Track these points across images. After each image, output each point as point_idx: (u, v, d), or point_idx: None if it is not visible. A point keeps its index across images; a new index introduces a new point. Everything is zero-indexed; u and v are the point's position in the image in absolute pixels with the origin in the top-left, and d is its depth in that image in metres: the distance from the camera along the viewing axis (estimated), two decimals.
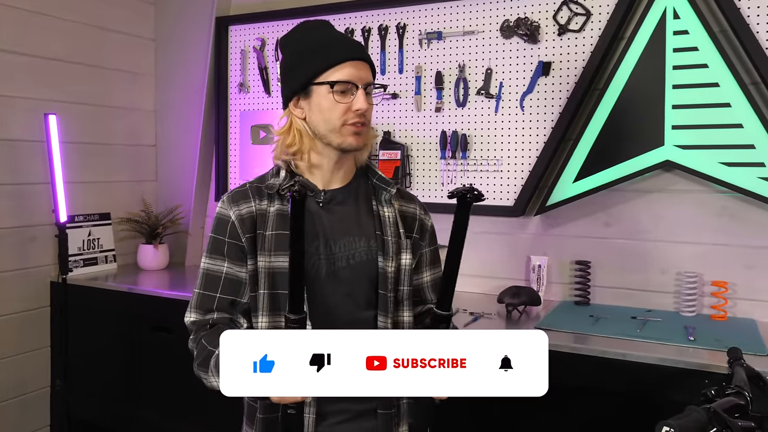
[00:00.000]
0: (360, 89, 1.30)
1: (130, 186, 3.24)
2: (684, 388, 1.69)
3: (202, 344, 1.28)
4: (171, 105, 3.33)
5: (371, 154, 2.73)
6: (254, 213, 1.33)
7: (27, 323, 2.79)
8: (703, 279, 2.25)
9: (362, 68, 1.32)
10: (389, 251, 1.34)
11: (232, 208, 1.33)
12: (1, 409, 2.70)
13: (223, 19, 3.11)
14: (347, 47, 1.33)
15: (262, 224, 1.32)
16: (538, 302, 2.29)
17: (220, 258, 1.33)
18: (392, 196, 1.40)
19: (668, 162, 2.24)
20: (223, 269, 1.33)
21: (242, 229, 1.32)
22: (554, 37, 2.44)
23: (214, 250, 1.34)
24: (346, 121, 1.30)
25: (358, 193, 1.40)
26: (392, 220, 1.37)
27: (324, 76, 1.30)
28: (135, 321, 2.68)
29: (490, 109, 2.56)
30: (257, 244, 1.31)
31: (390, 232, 1.36)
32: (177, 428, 2.60)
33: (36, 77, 2.77)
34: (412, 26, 2.71)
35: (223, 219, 1.34)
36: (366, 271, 1.34)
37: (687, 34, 2.20)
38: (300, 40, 1.36)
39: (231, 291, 1.33)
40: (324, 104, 1.30)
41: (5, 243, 2.69)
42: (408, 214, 1.43)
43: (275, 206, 1.33)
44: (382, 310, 1.33)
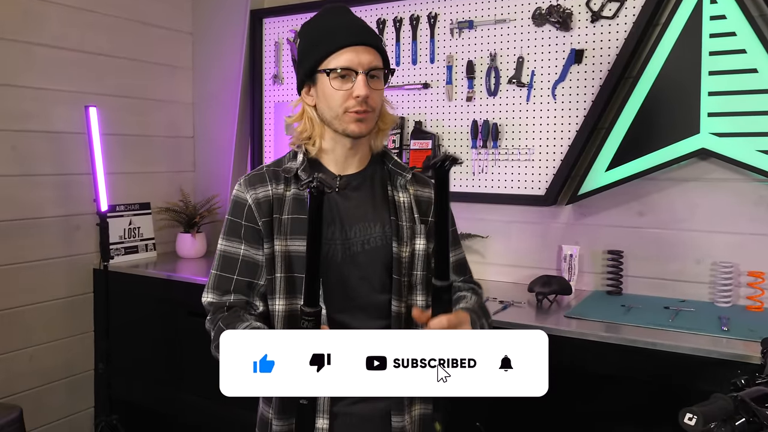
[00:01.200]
0: (360, 75, 1.29)
1: (168, 176, 3.31)
2: (715, 379, 1.65)
3: (219, 326, 1.28)
4: (208, 97, 3.38)
5: (404, 144, 2.75)
6: (270, 197, 1.34)
7: (73, 308, 2.89)
8: (739, 269, 2.19)
9: (364, 53, 1.30)
10: (404, 236, 1.35)
11: (248, 192, 1.35)
12: (51, 389, 2.81)
13: (257, 12, 3.15)
14: (349, 33, 1.31)
15: (279, 208, 1.33)
16: (569, 291, 2.27)
17: (237, 240, 1.35)
18: (407, 181, 1.40)
19: (704, 150, 2.18)
20: (240, 251, 1.35)
21: (259, 213, 1.33)
22: (587, 24, 2.40)
23: (231, 233, 1.36)
24: (347, 108, 1.30)
25: (374, 179, 1.41)
26: (407, 206, 1.38)
27: (324, 63, 1.30)
28: (173, 307, 2.75)
29: (522, 98, 2.54)
30: (273, 228, 1.32)
31: (405, 218, 1.37)
32: (214, 409, 2.66)
33: (78, 71, 2.85)
34: (443, 15, 2.70)
35: (239, 202, 1.35)
36: (381, 256, 1.35)
37: (724, 19, 2.14)
38: (311, 29, 1.37)
39: (248, 273, 1.34)
40: (327, 91, 1.31)
41: (52, 231, 2.78)
42: (423, 199, 1.43)
43: (292, 190, 1.35)
44: (396, 295, 1.34)
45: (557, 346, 1.92)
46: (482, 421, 1.97)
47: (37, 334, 2.74)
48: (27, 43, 2.66)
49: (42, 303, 2.76)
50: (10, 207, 2.62)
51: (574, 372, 1.93)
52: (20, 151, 2.65)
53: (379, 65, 1.33)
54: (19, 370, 2.67)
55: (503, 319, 2.05)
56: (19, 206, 2.65)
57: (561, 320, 2.05)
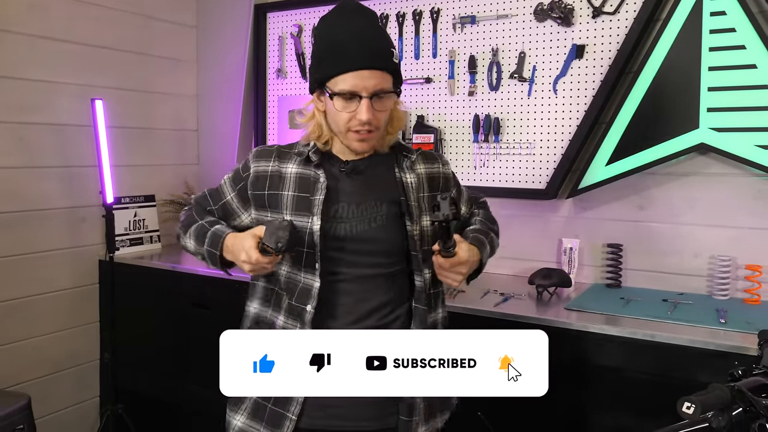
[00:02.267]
0: (365, 99, 1.30)
1: (173, 169, 3.32)
2: (713, 370, 1.67)
3: (190, 215, 1.51)
4: (212, 90, 3.39)
5: (406, 138, 2.75)
6: (268, 172, 1.43)
7: (78, 299, 2.91)
8: (736, 263, 2.20)
9: (371, 77, 1.29)
10: (414, 215, 1.40)
11: (253, 163, 1.45)
12: (58, 378, 2.83)
13: (261, 6, 3.15)
14: (357, 55, 1.30)
15: (278, 184, 1.41)
16: (568, 284, 2.28)
17: (232, 188, 1.49)
18: (413, 162, 1.45)
19: (703, 145, 2.19)
20: (228, 197, 1.49)
21: (253, 186, 1.44)
22: (588, 19, 2.40)
23: (235, 180, 1.49)
24: (350, 127, 1.33)
25: (381, 162, 1.44)
26: (415, 186, 1.43)
27: (331, 83, 1.32)
28: (177, 298, 2.76)
29: (523, 93, 2.54)
30: (269, 201, 1.41)
31: (413, 197, 1.41)
32: (218, 398, 2.68)
33: (83, 64, 2.85)
34: (445, 10, 2.70)
35: (246, 166, 1.47)
36: (389, 233, 1.38)
37: (724, 15, 2.14)
38: (326, 33, 1.37)
39: (222, 213, 1.51)
40: (331, 108, 1.35)
41: (58, 222, 2.79)
42: (434, 175, 1.49)
43: (296, 169, 1.41)
44: (417, 269, 1.39)
45: (557, 338, 1.93)
46: (483, 410, 1.99)
47: (44, 324, 2.76)
48: (33, 36, 2.66)
49: (49, 293, 2.77)
50: (17, 198, 2.63)
51: (573, 363, 1.94)
52: (27, 143, 2.66)
53: (386, 87, 1.33)
54: (27, 359, 2.69)
55: (504, 311, 2.06)
56: (25, 198, 2.66)
57: (561, 312, 2.07)
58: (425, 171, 1.47)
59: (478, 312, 2.07)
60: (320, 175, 1.38)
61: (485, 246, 1.47)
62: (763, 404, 1.04)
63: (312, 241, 1.35)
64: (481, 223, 1.57)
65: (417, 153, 1.48)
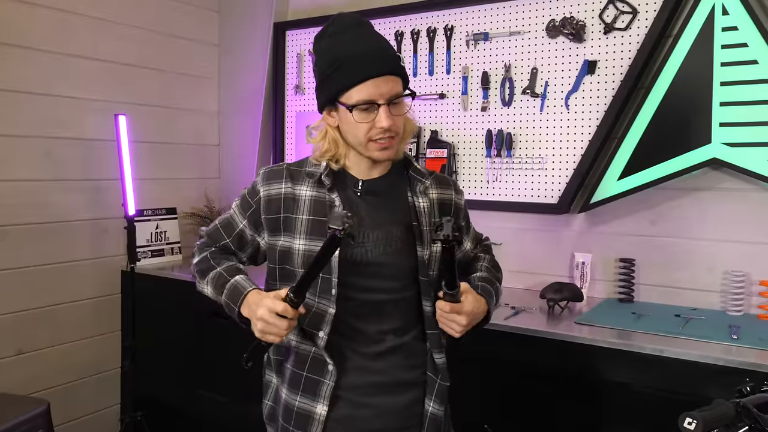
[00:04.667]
0: (383, 106, 1.27)
1: (194, 183, 3.35)
2: (723, 387, 1.61)
3: (206, 257, 1.45)
4: (233, 106, 3.43)
5: (420, 152, 2.75)
6: (282, 195, 1.37)
7: (101, 308, 2.94)
8: (751, 278, 2.15)
9: (384, 83, 1.27)
10: (425, 240, 1.37)
11: (263, 186, 1.39)
12: (81, 385, 2.87)
13: (280, 24, 3.19)
14: (370, 63, 1.27)
15: (292, 207, 1.35)
16: (580, 298, 2.25)
17: (242, 216, 1.43)
18: (426, 187, 1.42)
19: (715, 160, 2.15)
20: (240, 226, 1.44)
21: (266, 209, 1.38)
22: (600, 35, 2.38)
23: (243, 207, 1.43)
24: (371, 137, 1.30)
25: (395, 184, 1.41)
26: (427, 210, 1.39)
27: (345, 97, 1.28)
28: (196, 308, 2.77)
29: (536, 108, 2.53)
30: (283, 225, 1.36)
31: (425, 222, 1.38)
32: (235, 407, 2.68)
33: (108, 80, 2.91)
34: (459, 28, 2.70)
35: (254, 190, 1.41)
36: (403, 259, 1.36)
37: (736, 30, 2.11)
38: (327, 50, 1.32)
39: (237, 244, 1.45)
40: (349, 120, 1.30)
41: (82, 234, 2.84)
42: (446, 201, 1.46)
43: (311, 192, 1.36)
44: (426, 295, 1.37)
45: (567, 352, 1.92)
46: (491, 424, 1.96)
47: (68, 332, 2.80)
48: (62, 54, 2.72)
49: (72, 302, 2.81)
50: (44, 210, 2.68)
51: (583, 377, 1.91)
52: (54, 157, 2.71)
53: (399, 91, 1.31)
54: (51, 366, 2.73)
55: (515, 325, 2.04)
56: (52, 210, 2.71)
57: (572, 326, 2.03)
58: (437, 196, 1.43)
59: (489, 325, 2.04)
60: (335, 199, 1.34)
61: (492, 297, 1.44)
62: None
63: (330, 268, 1.30)
64: (487, 270, 1.52)
65: (431, 177, 1.44)
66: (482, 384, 2.05)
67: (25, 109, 2.61)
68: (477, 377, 2.03)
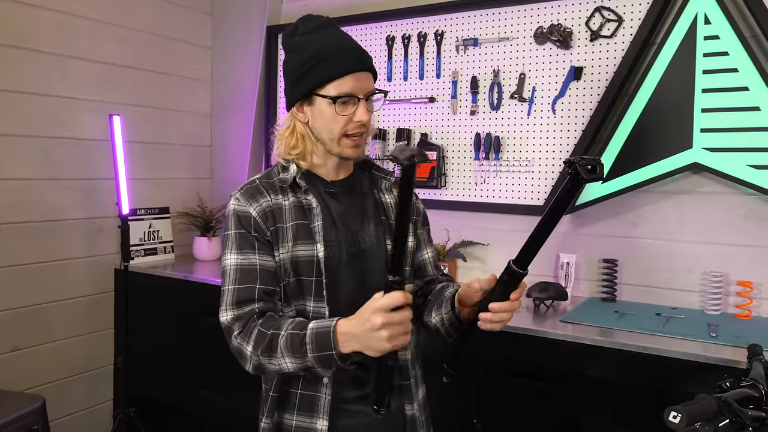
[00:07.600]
0: (361, 100, 1.28)
1: (187, 183, 3.34)
2: (702, 382, 1.65)
3: (260, 331, 1.21)
4: (225, 108, 3.42)
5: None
6: (271, 206, 1.30)
7: (95, 306, 2.92)
8: (728, 279, 2.19)
9: (364, 79, 1.28)
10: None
11: (250, 204, 1.29)
12: (74, 381, 2.84)
13: (273, 27, 3.18)
14: (350, 58, 1.27)
15: (280, 217, 1.30)
16: (565, 297, 2.27)
17: (251, 251, 1.28)
18: (392, 184, 1.43)
19: (696, 164, 2.18)
20: (257, 261, 1.27)
21: (266, 224, 1.29)
22: (586, 42, 2.41)
23: (244, 245, 1.28)
24: (347, 131, 1.29)
25: (362, 183, 1.42)
26: (394, 206, 1.40)
27: (326, 89, 1.26)
28: (189, 306, 2.78)
29: (523, 113, 2.55)
30: (279, 237, 1.29)
31: (393, 217, 1.37)
32: (227, 403, 2.68)
33: (103, 81, 2.89)
34: (449, 33, 2.72)
35: (243, 215, 1.29)
36: (377, 255, 1.36)
37: (718, 39, 2.15)
38: (305, 44, 1.29)
39: (268, 281, 1.28)
40: (326, 114, 1.28)
41: (76, 233, 2.82)
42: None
43: (290, 199, 1.31)
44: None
45: (553, 349, 1.94)
46: (479, 418, 1.98)
47: (62, 330, 2.78)
48: (59, 56, 2.70)
49: (66, 300, 2.79)
50: (39, 209, 2.66)
51: (568, 374, 1.93)
52: (50, 157, 2.69)
53: (375, 89, 1.32)
54: (45, 362, 2.70)
55: None
56: (47, 208, 2.69)
57: (557, 324, 2.06)
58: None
59: None
60: (312, 201, 1.31)
61: None
62: (749, 415, 1.03)
63: (319, 269, 1.28)
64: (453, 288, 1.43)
65: (392, 176, 1.44)
66: (469, 381, 2.07)
67: (24, 109, 2.60)
68: (464, 374, 2.04)
